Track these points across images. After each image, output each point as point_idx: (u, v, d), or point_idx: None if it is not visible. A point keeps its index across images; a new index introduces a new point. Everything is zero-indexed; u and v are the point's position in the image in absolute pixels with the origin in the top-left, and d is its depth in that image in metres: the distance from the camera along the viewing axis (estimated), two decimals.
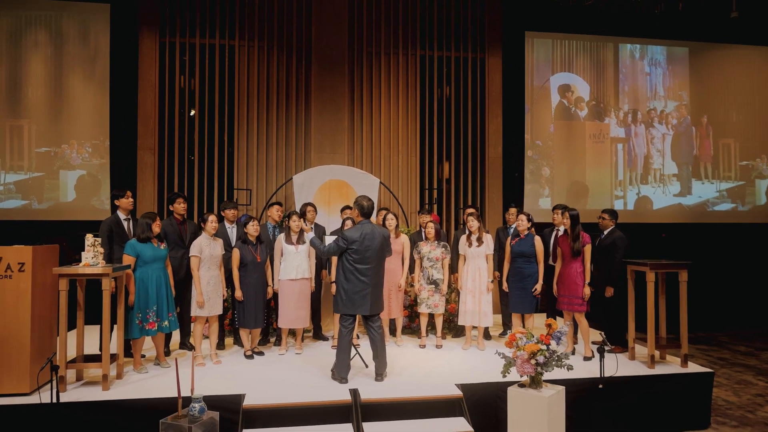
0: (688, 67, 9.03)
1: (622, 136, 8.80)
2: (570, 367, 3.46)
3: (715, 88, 9.13)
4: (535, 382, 3.38)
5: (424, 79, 8.18)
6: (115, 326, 4.54)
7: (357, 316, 4.76)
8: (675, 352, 5.07)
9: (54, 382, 3.72)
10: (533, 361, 3.27)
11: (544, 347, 3.26)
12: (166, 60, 7.64)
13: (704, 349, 7.78)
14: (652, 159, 8.87)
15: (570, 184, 8.63)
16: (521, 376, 3.40)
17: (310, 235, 4.81)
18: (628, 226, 8.49)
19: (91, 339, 5.00)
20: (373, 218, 6.38)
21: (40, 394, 3.92)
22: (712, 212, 9.06)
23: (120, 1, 7.65)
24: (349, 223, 5.47)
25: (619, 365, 4.85)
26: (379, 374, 4.51)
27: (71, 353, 4.40)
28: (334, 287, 4.72)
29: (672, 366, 5.00)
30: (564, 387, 3.52)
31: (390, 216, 5.73)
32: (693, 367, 4.96)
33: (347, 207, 6.13)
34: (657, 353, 5.07)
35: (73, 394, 4.11)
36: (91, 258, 4.25)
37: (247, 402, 3.97)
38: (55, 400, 3.74)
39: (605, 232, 5.66)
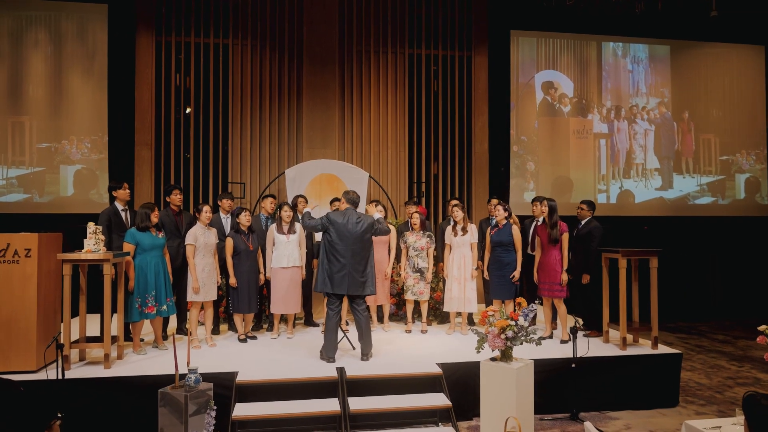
0: (669, 65, 9.32)
1: (605, 132, 9.09)
2: (538, 342, 3.75)
3: (696, 84, 9.43)
4: (505, 356, 3.66)
5: (413, 76, 8.45)
6: (115, 313, 4.81)
7: (343, 301, 5.04)
8: (647, 336, 5.36)
9: (59, 360, 3.98)
10: (503, 336, 3.54)
11: (513, 323, 3.54)
12: (162, 58, 7.89)
13: (683, 337, 8.09)
14: (635, 154, 9.16)
15: (554, 179, 8.92)
16: (492, 350, 3.68)
17: (299, 227, 5.12)
18: (611, 219, 8.81)
19: (94, 324, 5.26)
20: (362, 210, 6.67)
21: (46, 372, 4.18)
22: (693, 206, 9.36)
23: (117, 1, 7.89)
24: (337, 205, 5.78)
25: (594, 347, 5.15)
26: (365, 354, 4.79)
27: (75, 335, 4.67)
28: None
29: (643, 348, 5.29)
30: (533, 361, 3.80)
31: (379, 207, 5.99)
32: (663, 349, 5.25)
33: (336, 199, 6.40)
34: (629, 336, 5.37)
35: (77, 371, 4.38)
36: (93, 245, 4.51)
37: (240, 378, 4.24)
38: (60, 377, 4.00)
39: (582, 222, 5.94)
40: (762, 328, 3.17)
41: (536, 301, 3.90)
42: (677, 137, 9.34)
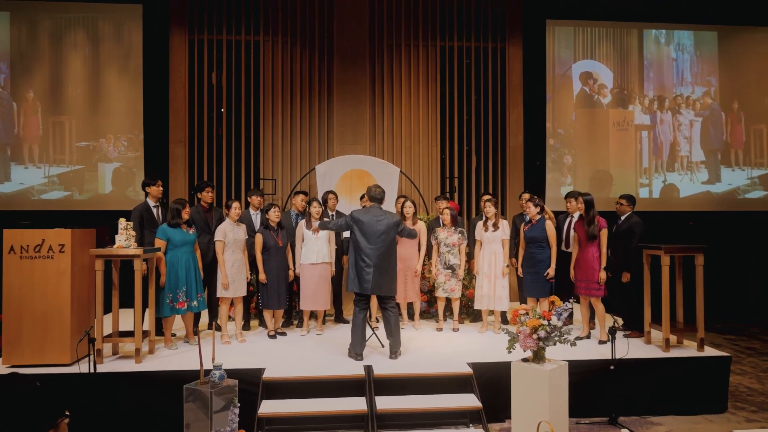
0: (717, 52, 8.84)
1: (647, 124, 8.69)
2: (573, 343, 3.56)
3: (746, 72, 8.91)
4: (537, 356, 3.49)
5: (444, 70, 8.28)
6: (147, 309, 4.86)
7: (373, 299, 4.95)
8: (693, 337, 5.07)
9: (92, 354, 4.03)
10: (535, 336, 3.38)
11: (545, 322, 3.37)
12: (195, 56, 7.97)
13: (732, 338, 7.67)
14: (679, 146, 8.73)
15: (593, 173, 8.60)
16: (524, 351, 3.52)
17: (323, 238, 5.17)
18: (654, 215, 8.44)
19: (126, 319, 5.34)
20: (391, 206, 6.57)
21: (79, 365, 4.24)
22: (743, 200, 8.87)
23: (152, 2, 8.01)
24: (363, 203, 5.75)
25: (634, 349, 4.91)
26: (393, 352, 4.70)
27: (108, 330, 4.74)
28: None
29: (688, 350, 5.01)
30: (567, 362, 3.62)
31: (408, 203, 5.89)
32: (710, 352, 4.96)
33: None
34: (673, 337, 5.09)
35: (109, 365, 4.43)
36: (124, 240, 4.56)
37: (267, 375, 4.21)
38: (92, 370, 4.06)
39: (622, 218, 5.68)
40: None
41: (571, 300, 3.71)
42: (726, 128, 8.85)
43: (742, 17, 8.81)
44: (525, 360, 3.57)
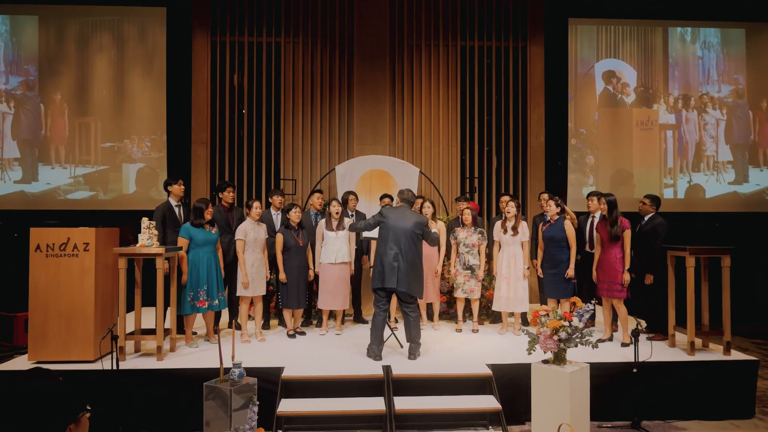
0: (744, 49, 8.63)
1: (671, 123, 8.53)
2: (595, 345, 3.50)
3: None
4: (558, 358, 3.44)
5: (465, 69, 8.24)
6: (169, 307, 4.92)
7: (392, 300, 4.94)
8: (719, 340, 4.94)
9: (114, 351, 4.10)
10: (556, 338, 3.33)
11: (566, 324, 3.32)
12: (217, 58, 8.07)
13: (760, 343, 7.47)
14: (705, 146, 8.55)
15: (615, 173, 8.46)
16: (544, 353, 3.47)
17: (347, 222, 5.09)
18: (679, 215, 8.28)
19: (148, 317, 5.41)
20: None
21: (102, 362, 4.32)
22: None
23: (175, 4, 8.13)
24: (386, 201, 5.78)
25: (659, 352, 4.81)
26: (412, 353, 4.68)
27: (131, 327, 4.81)
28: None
29: (714, 354, 4.89)
30: (588, 365, 3.56)
31: (427, 204, 5.87)
32: (737, 356, 4.83)
33: (387, 195, 6.32)
34: (698, 341, 4.98)
35: (131, 363, 4.50)
36: (147, 239, 4.63)
37: (286, 374, 4.23)
38: (115, 368, 4.12)
39: (646, 218, 5.58)
40: None
41: (593, 301, 3.65)
42: (753, 127, 8.63)
43: None
44: (545, 362, 3.52)
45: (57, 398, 1.64)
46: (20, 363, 4.56)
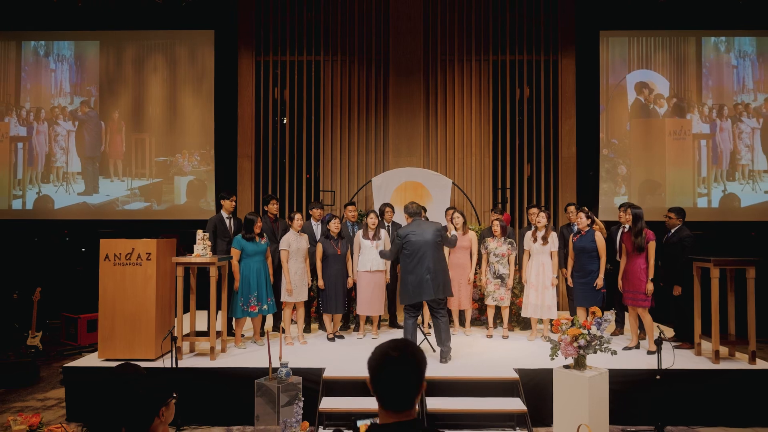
0: None
1: (705, 132, 8.56)
2: (614, 352, 3.74)
3: None
4: (578, 363, 3.70)
5: (497, 83, 8.50)
6: (220, 311, 5.39)
7: (423, 305, 5.27)
8: (745, 350, 5.06)
9: (173, 351, 4.57)
10: (575, 344, 3.59)
11: (585, 331, 3.58)
12: (261, 76, 8.59)
13: None
14: (740, 155, 8.53)
15: (648, 183, 8.54)
16: (565, 358, 3.73)
17: (380, 247, 5.50)
18: (714, 225, 8.32)
19: (203, 320, 5.91)
20: (441, 217, 6.86)
21: (162, 360, 4.79)
22: None
23: (222, 27, 8.70)
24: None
25: (685, 360, 4.99)
26: (444, 357, 4.99)
27: (186, 330, 5.29)
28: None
29: (739, 363, 5.02)
30: (608, 370, 3.80)
31: (456, 214, 6.17)
32: (762, 365, 4.95)
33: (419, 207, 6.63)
34: (724, 350, 5.12)
35: (188, 361, 4.97)
36: (201, 249, 5.10)
37: (327, 374, 4.61)
38: (174, 366, 4.59)
39: (672, 231, 5.73)
40: None
41: (612, 310, 3.88)
42: None
43: None
44: (567, 367, 3.78)
45: (150, 387, 2.05)
46: (92, 360, 5.09)
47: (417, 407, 1.74)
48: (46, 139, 8.79)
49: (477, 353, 5.35)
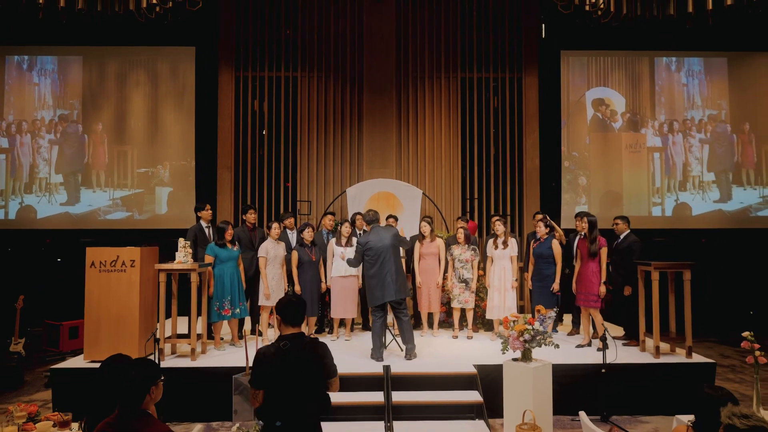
0: (726, 77, 9.26)
1: (659, 146, 9.17)
2: (556, 345, 4.18)
3: (756, 95, 9.29)
4: (525, 356, 4.13)
5: (465, 99, 9.01)
6: (200, 316, 5.72)
7: (387, 308, 5.67)
8: (684, 345, 5.55)
9: (156, 352, 4.88)
10: (521, 339, 4.03)
11: (530, 327, 4.01)
12: (240, 91, 8.95)
13: (743, 351, 7.98)
14: (691, 167, 9.16)
15: (606, 193, 9.11)
16: (513, 351, 4.16)
17: (348, 253, 5.91)
18: (667, 232, 8.90)
19: (183, 324, 6.22)
20: (415, 226, 7.26)
21: None
22: (755, 218, 9.19)
23: (203, 44, 9.06)
24: (390, 221, 6.58)
25: (630, 355, 5.48)
26: (409, 354, 5.39)
27: (168, 332, 5.61)
28: None
29: (678, 357, 5.52)
30: (551, 362, 4.24)
31: (423, 223, 6.60)
32: (697, 359, 5.45)
33: (391, 216, 7.06)
34: (667, 345, 5.62)
35: (170, 362, 5.29)
36: (183, 257, 5.44)
37: None
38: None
39: (621, 236, 6.24)
40: (746, 334, 3.49)
41: (555, 309, 4.33)
42: (737, 149, 9.23)
43: (752, 43, 9.22)
44: (515, 360, 4.21)
45: (141, 369, 2.42)
46: (78, 362, 5.37)
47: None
48: (29, 150, 9.02)
49: (441, 352, 5.76)
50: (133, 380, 2.35)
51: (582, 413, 3.18)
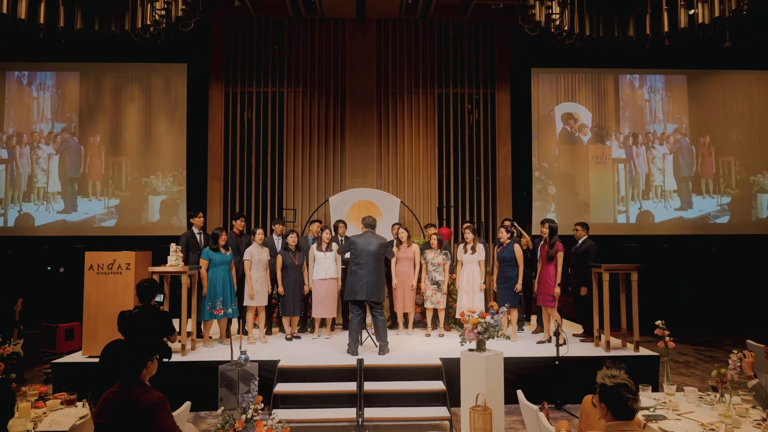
0: (686, 93, 9.90)
1: (623, 157, 9.78)
2: (507, 337, 4.71)
3: (714, 109, 9.94)
4: (479, 347, 4.64)
5: (441, 113, 9.59)
6: (189, 317, 6.19)
7: (366, 308, 6.18)
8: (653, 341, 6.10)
9: None
10: (475, 331, 4.54)
11: (482, 320, 4.53)
12: (230, 105, 9.48)
13: (701, 349, 8.55)
14: (653, 177, 9.77)
15: (574, 201, 9.70)
16: (469, 342, 4.68)
17: (335, 246, 6.41)
18: (631, 238, 9.48)
19: (175, 323, 6.66)
20: (389, 230, 7.79)
21: None
22: (714, 224, 9.80)
23: (195, 61, 9.59)
24: None
25: (584, 350, 6.01)
26: (382, 350, 5.89)
27: None
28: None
29: (627, 351, 6.06)
30: (502, 352, 4.76)
31: (401, 230, 7.13)
32: (644, 352, 6.00)
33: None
34: (618, 341, 6.16)
35: None
36: (174, 260, 5.92)
37: (281, 364, 5.46)
38: None
39: (579, 241, 6.79)
40: (658, 321, 4.04)
41: (507, 306, 4.86)
42: (696, 160, 9.86)
43: (709, 61, 9.88)
44: (471, 350, 4.72)
45: (136, 347, 2.91)
46: (77, 357, 5.83)
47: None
48: (28, 161, 9.48)
49: (413, 348, 6.28)
50: (130, 357, 2.84)
51: (519, 392, 3.69)
